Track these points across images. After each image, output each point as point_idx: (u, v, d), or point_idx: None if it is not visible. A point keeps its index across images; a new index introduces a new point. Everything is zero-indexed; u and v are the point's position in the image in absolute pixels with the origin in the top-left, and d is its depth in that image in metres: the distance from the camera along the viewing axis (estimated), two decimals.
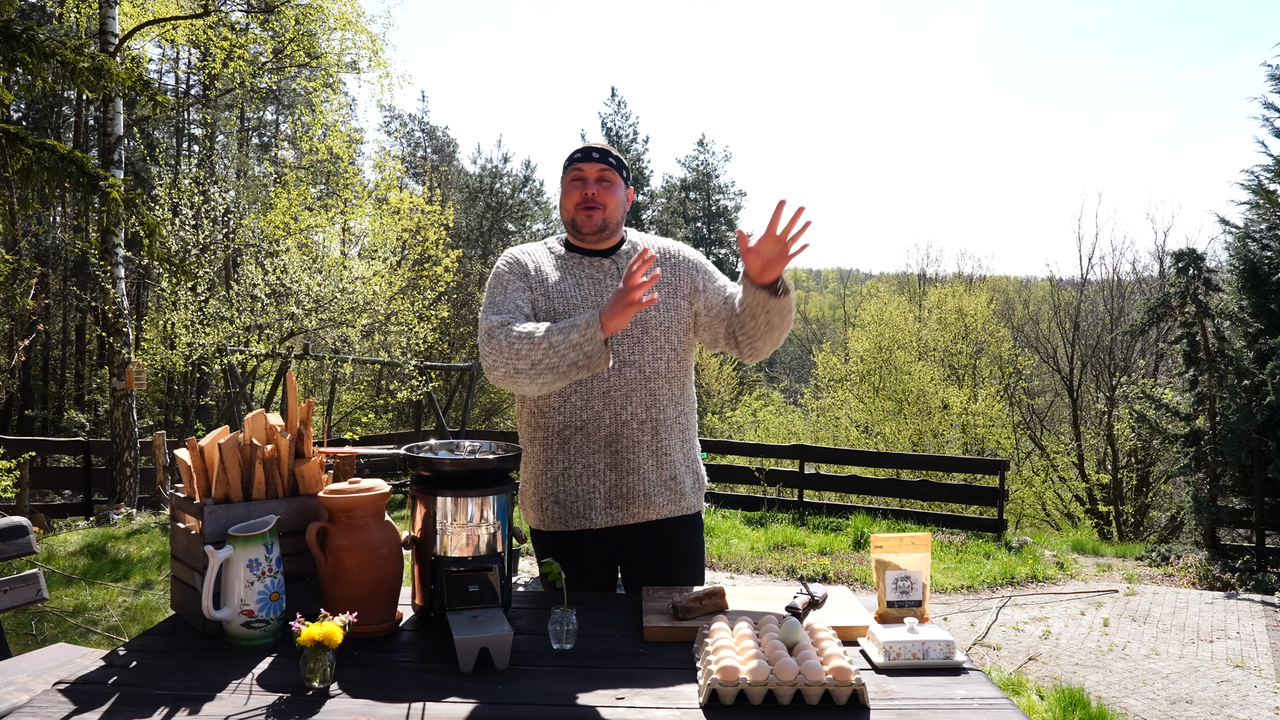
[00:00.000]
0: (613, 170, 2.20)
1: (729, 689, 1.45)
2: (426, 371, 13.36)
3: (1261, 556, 8.99)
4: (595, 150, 2.21)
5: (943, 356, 20.72)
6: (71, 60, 5.68)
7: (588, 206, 2.17)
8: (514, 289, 2.16)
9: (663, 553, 2.22)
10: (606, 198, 2.18)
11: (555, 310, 2.13)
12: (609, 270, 2.20)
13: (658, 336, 2.16)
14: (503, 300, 2.13)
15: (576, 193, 2.19)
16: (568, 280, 2.18)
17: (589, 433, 2.14)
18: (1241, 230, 10.10)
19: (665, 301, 2.18)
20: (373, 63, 12.51)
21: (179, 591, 1.87)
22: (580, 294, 2.16)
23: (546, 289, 2.16)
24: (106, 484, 10.08)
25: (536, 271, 2.19)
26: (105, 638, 4.92)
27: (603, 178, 2.19)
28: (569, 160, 2.22)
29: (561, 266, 2.21)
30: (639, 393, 2.14)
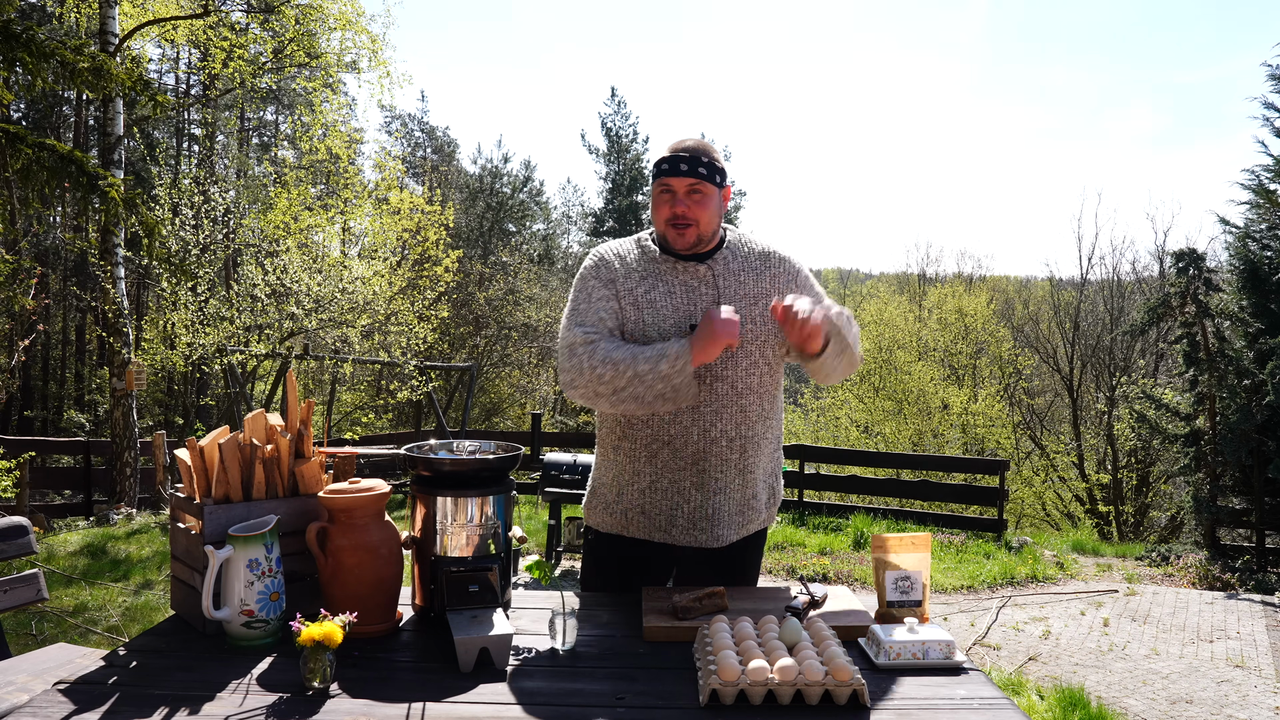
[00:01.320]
0: (705, 181, 2.00)
1: (729, 689, 1.45)
2: (426, 371, 13.36)
3: (1261, 556, 8.99)
4: (684, 161, 2.00)
5: (943, 356, 20.73)
6: (71, 60, 5.68)
7: (679, 225, 2.01)
8: (599, 298, 2.03)
9: (724, 568, 2.16)
10: (699, 213, 2.01)
11: (644, 322, 2.01)
12: (704, 278, 2.05)
13: (752, 351, 2.04)
14: (587, 311, 2.02)
15: (666, 208, 2.02)
16: (659, 289, 2.04)
17: (676, 449, 2.05)
18: (1241, 230, 10.10)
19: (762, 314, 2.05)
20: (373, 63, 12.51)
21: (179, 591, 1.87)
22: (672, 303, 2.03)
23: (635, 298, 2.03)
24: (106, 484, 10.08)
25: (626, 278, 2.05)
26: (105, 638, 4.92)
27: (694, 190, 2.00)
28: (657, 169, 2.04)
29: (654, 272, 2.06)
30: (729, 409, 2.04)
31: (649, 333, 2.01)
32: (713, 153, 2.04)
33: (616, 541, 2.20)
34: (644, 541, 2.16)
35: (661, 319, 2.02)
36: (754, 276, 2.07)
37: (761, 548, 2.28)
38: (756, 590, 2.06)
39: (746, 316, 2.03)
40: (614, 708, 1.44)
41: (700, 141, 2.04)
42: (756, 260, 2.09)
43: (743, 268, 2.08)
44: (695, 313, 2.03)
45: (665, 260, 2.06)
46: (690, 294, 2.04)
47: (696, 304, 2.03)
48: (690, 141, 2.04)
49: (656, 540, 2.15)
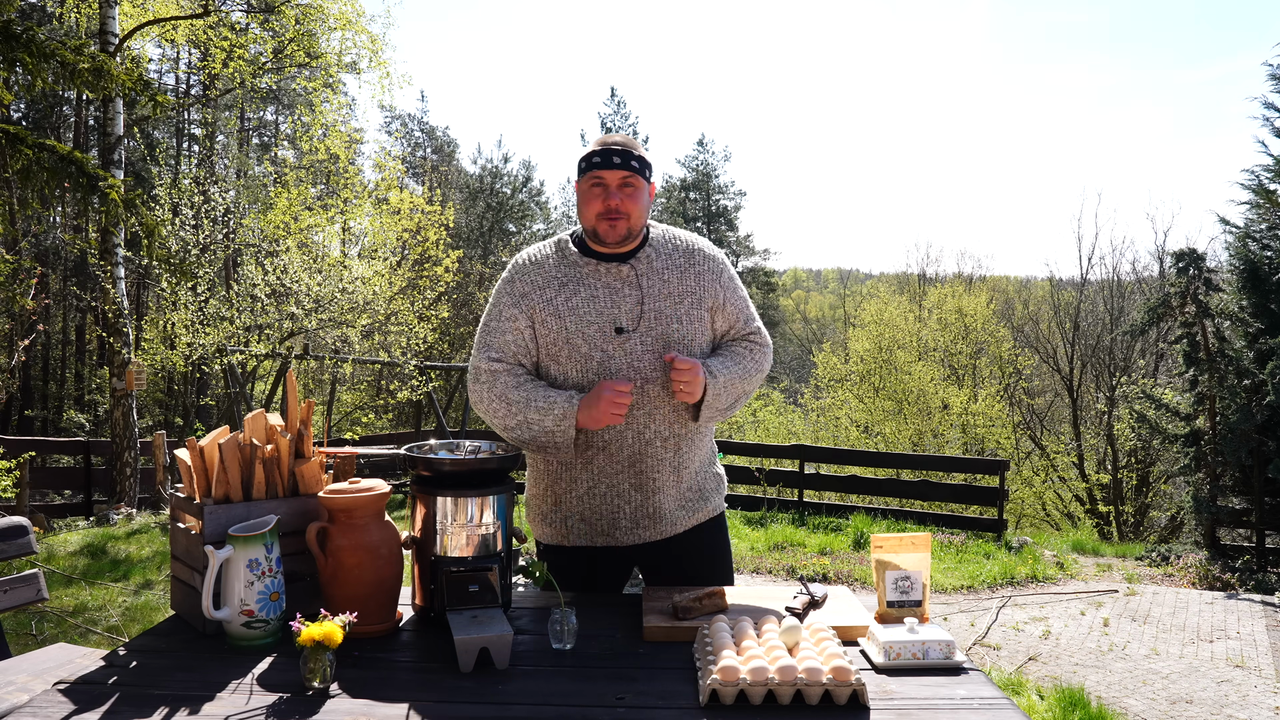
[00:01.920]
0: (636, 175, 2.01)
1: (729, 689, 1.45)
2: (426, 371, 13.36)
3: (1261, 556, 8.99)
4: (616, 154, 2.01)
5: (943, 356, 20.73)
6: (71, 60, 5.68)
7: (610, 217, 2.00)
8: (508, 325, 2.05)
9: (687, 563, 2.17)
10: (630, 205, 2.00)
11: (568, 329, 2.01)
12: (627, 278, 2.04)
13: (679, 350, 2.04)
14: (495, 332, 2.05)
15: (598, 201, 2.00)
16: (581, 294, 2.03)
17: (611, 452, 2.05)
18: (1242, 230, 10.10)
19: (689, 313, 2.05)
20: (373, 63, 12.52)
21: (179, 591, 1.87)
22: (595, 307, 2.02)
23: (555, 307, 2.02)
24: (106, 484, 10.08)
25: (543, 288, 2.04)
26: (105, 638, 4.92)
27: (626, 184, 2.00)
28: (586, 163, 2.03)
29: (574, 277, 2.05)
30: (662, 409, 2.04)
31: (574, 340, 2.01)
32: (640, 147, 2.06)
33: (560, 552, 2.19)
34: (587, 548, 2.16)
35: (585, 324, 2.01)
36: (678, 274, 2.07)
37: (724, 536, 2.29)
38: (757, 590, 2.06)
39: (672, 315, 2.03)
40: (614, 708, 1.44)
41: (627, 137, 2.06)
42: (681, 257, 2.09)
43: (667, 265, 2.07)
44: (619, 315, 2.02)
45: (587, 263, 2.05)
46: (613, 295, 2.04)
47: (620, 305, 2.03)
48: (619, 137, 2.05)
49: (600, 545, 2.14)
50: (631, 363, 2.02)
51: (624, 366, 2.01)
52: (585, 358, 2.02)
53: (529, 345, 2.05)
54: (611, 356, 2.01)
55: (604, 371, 2.02)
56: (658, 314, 2.03)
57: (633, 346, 2.01)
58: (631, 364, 2.02)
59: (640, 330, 2.02)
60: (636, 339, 2.02)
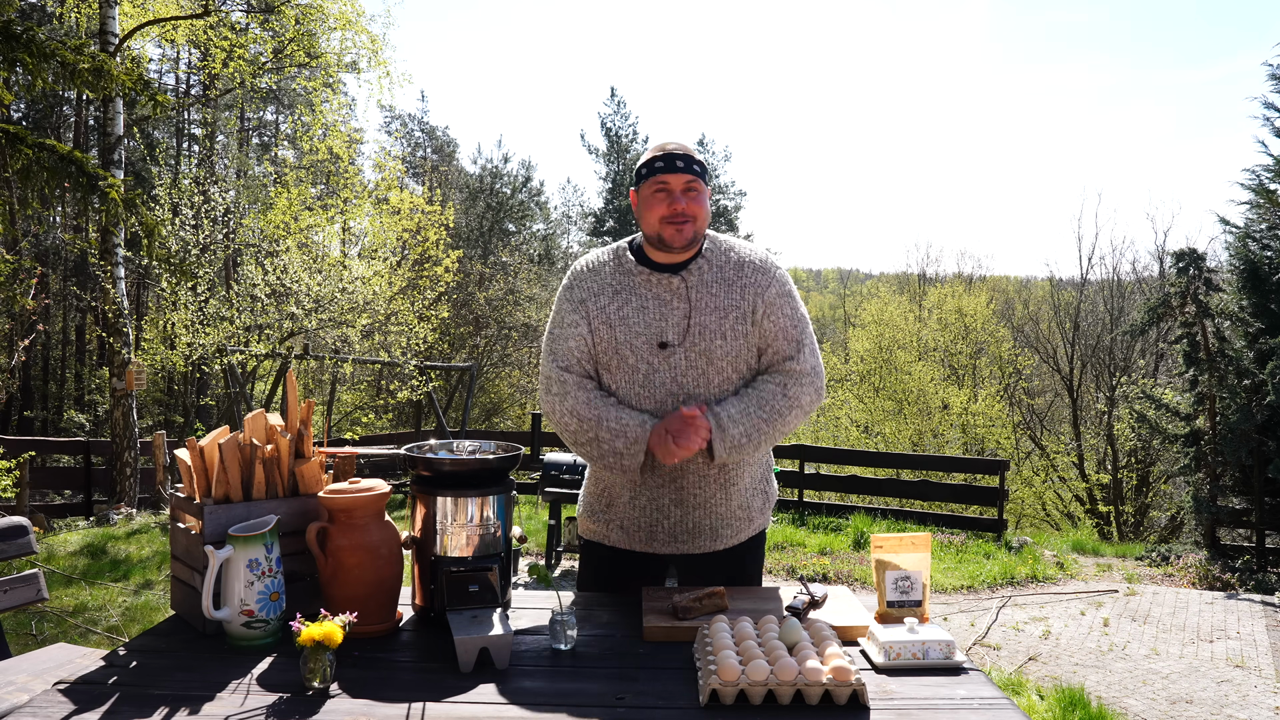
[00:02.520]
0: (699, 178, 2.01)
1: (729, 689, 1.45)
2: (426, 371, 13.36)
3: (1261, 556, 8.99)
4: (679, 158, 2.00)
5: (943, 356, 20.73)
6: (71, 60, 5.68)
7: (676, 221, 1.98)
8: (571, 332, 2.05)
9: (721, 570, 2.16)
10: (696, 209, 1.99)
11: (617, 340, 2.01)
12: (678, 290, 2.02)
13: (724, 368, 2.02)
14: (560, 339, 2.06)
15: (663, 206, 1.98)
16: (631, 303, 2.03)
17: (654, 466, 2.05)
18: (1242, 230, 10.10)
19: (734, 328, 2.02)
20: (373, 63, 12.51)
21: (179, 591, 1.87)
22: (644, 319, 2.02)
23: (608, 316, 2.03)
24: (106, 484, 10.08)
25: (598, 295, 2.05)
26: (105, 638, 4.91)
27: (690, 187, 2.00)
28: (648, 168, 2.03)
29: (627, 286, 2.05)
30: None
31: (622, 350, 2.02)
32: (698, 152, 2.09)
33: (601, 548, 2.21)
34: (627, 551, 2.17)
35: (634, 335, 2.01)
36: (726, 288, 2.04)
37: (761, 550, 2.26)
38: (756, 590, 2.05)
39: (716, 330, 2.01)
40: (614, 708, 1.44)
41: (684, 143, 2.06)
42: (731, 270, 2.06)
43: (716, 278, 2.04)
44: (666, 328, 2.01)
45: (640, 272, 2.05)
46: (663, 307, 2.03)
47: (668, 318, 2.02)
48: (676, 142, 2.05)
49: (638, 550, 2.15)
50: (675, 377, 2.01)
51: (668, 380, 2.01)
52: (632, 369, 2.02)
53: (592, 350, 2.05)
54: (656, 370, 2.01)
55: (649, 384, 2.02)
56: (702, 329, 2.01)
57: (676, 361, 2.01)
58: (675, 378, 2.01)
59: (685, 345, 2.00)
60: (681, 353, 2.01)
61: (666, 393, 2.01)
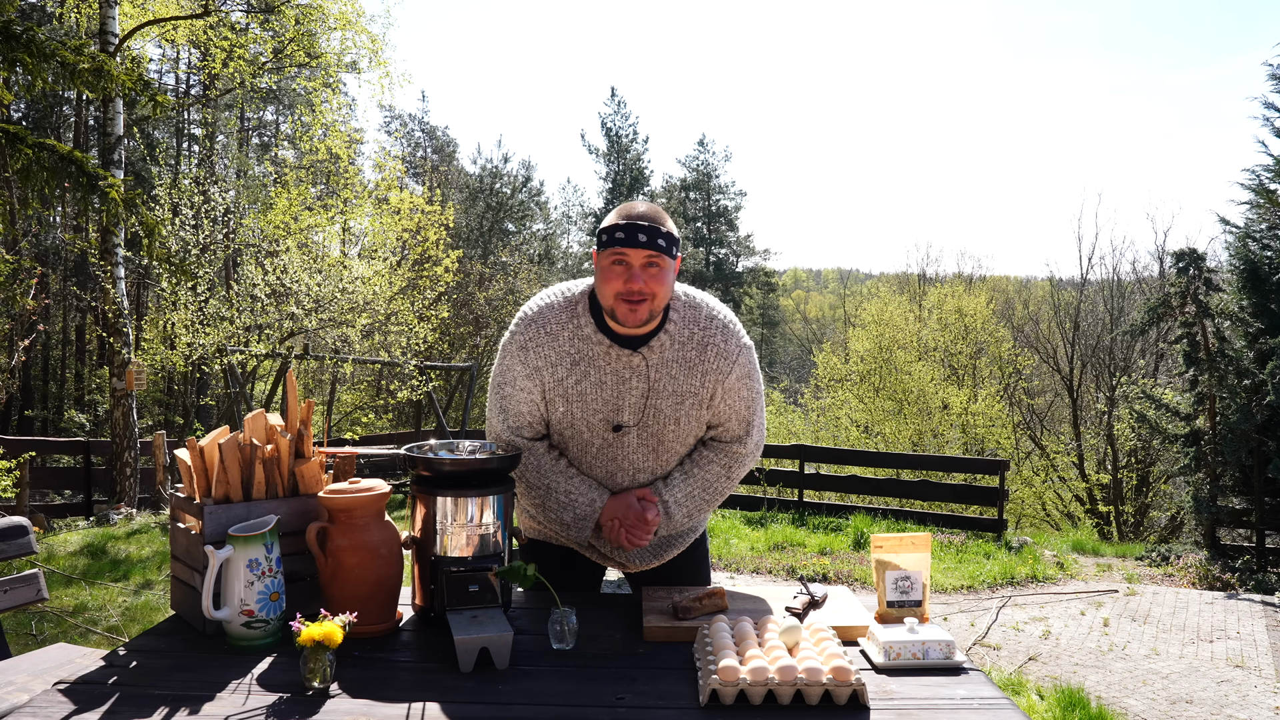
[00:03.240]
0: (663, 254, 1.82)
1: (729, 689, 1.45)
2: (426, 371, 13.36)
3: (1261, 556, 8.99)
4: (642, 230, 1.81)
5: (943, 356, 20.73)
6: (71, 60, 5.68)
7: (631, 300, 1.82)
8: (523, 397, 1.97)
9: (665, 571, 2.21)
10: (655, 287, 1.82)
11: (573, 415, 1.96)
12: (637, 369, 1.92)
13: (674, 446, 2.02)
14: (513, 407, 1.99)
15: (618, 281, 1.82)
16: (590, 378, 1.93)
17: None
18: (1242, 230, 10.10)
19: (689, 413, 1.97)
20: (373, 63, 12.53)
21: (179, 591, 1.87)
22: (602, 396, 1.94)
23: (565, 390, 1.94)
24: (106, 484, 10.08)
25: (555, 365, 1.93)
26: (105, 638, 4.92)
27: (651, 263, 1.82)
28: (608, 236, 1.84)
29: (585, 356, 1.92)
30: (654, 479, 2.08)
31: (578, 426, 1.98)
32: (669, 221, 1.87)
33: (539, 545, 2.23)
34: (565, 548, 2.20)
35: (590, 413, 1.96)
36: (686, 370, 1.94)
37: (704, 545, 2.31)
38: (757, 590, 2.06)
39: (670, 416, 1.97)
40: (614, 708, 1.44)
41: (654, 207, 1.88)
42: (694, 352, 1.93)
43: (676, 358, 1.93)
44: (623, 408, 1.95)
45: (600, 341, 1.91)
46: (621, 385, 1.94)
47: (625, 398, 1.94)
48: (643, 207, 1.86)
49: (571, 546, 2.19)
50: (627, 454, 2.02)
51: (619, 456, 2.02)
52: (586, 444, 2.01)
53: (543, 415, 2.01)
54: (609, 445, 2.01)
55: (601, 458, 2.02)
56: (657, 412, 1.96)
57: (629, 441, 2.00)
58: (626, 455, 2.02)
59: (639, 425, 1.98)
60: (634, 434, 1.99)
61: (617, 467, 2.03)
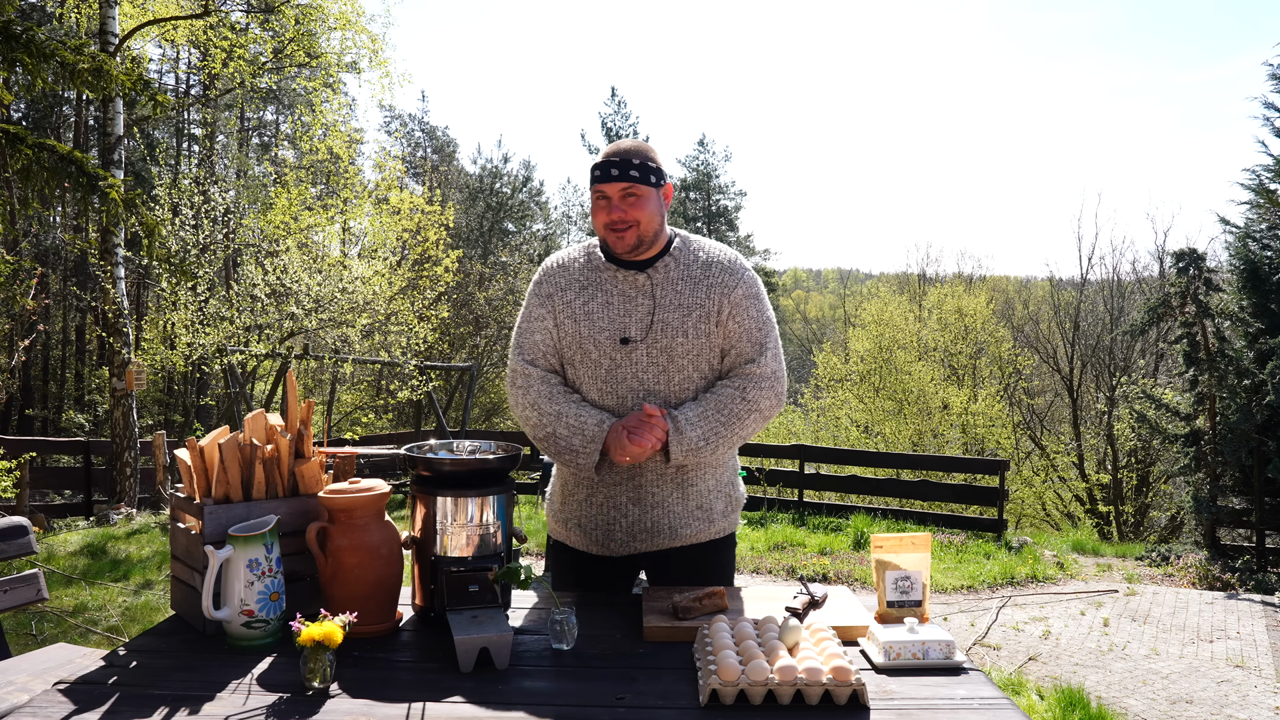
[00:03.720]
0: (638, 184, 1.96)
1: (729, 689, 1.45)
2: (426, 371, 13.36)
3: (1261, 556, 8.99)
4: (614, 166, 1.96)
5: (943, 356, 20.73)
6: (71, 60, 5.68)
7: (616, 229, 1.96)
8: (536, 325, 2.07)
9: (686, 576, 2.14)
10: (637, 213, 1.96)
11: (581, 334, 2.02)
12: (643, 287, 2.02)
13: (685, 366, 2.02)
14: (527, 339, 2.08)
15: (603, 214, 1.98)
16: (597, 299, 2.03)
17: (612, 465, 2.04)
18: (1242, 230, 10.10)
19: (696, 326, 2.00)
20: (373, 63, 12.52)
21: (179, 591, 1.87)
22: (608, 314, 2.02)
23: (573, 310, 2.04)
24: (106, 484, 10.08)
25: (565, 290, 2.06)
26: (105, 638, 4.92)
27: (628, 194, 1.96)
28: (591, 177, 2.00)
29: (594, 281, 2.05)
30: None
31: (585, 345, 2.03)
32: (648, 153, 1.98)
33: (564, 549, 2.23)
34: (595, 556, 2.17)
35: (597, 330, 2.02)
36: (691, 286, 2.02)
37: (730, 556, 2.24)
38: (757, 590, 2.06)
39: (678, 328, 2.00)
40: (614, 708, 1.44)
41: (636, 143, 2.00)
42: (699, 270, 2.04)
43: (682, 276, 2.03)
44: (629, 324, 2.01)
45: (607, 268, 2.05)
46: (627, 304, 2.02)
47: (632, 314, 2.02)
48: (626, 144, 2.00)
49: (595, 553, 2.15)
50: (636, 373, 2.02)
51: (629, 376, 2.02)
52: (595, 364, 2.03)
53: (557, 345, 2.07)
54: (619, 365, 2.01)
55: (611, 379, 2.02)
56: (664, 325, 2.00)
57: (638, 357, 2.01)
58: (636, 374, 2.02)
59: (647, 341, 2.00)
60: (643, 349, 2.00)
61: (628, 389, 2.02)
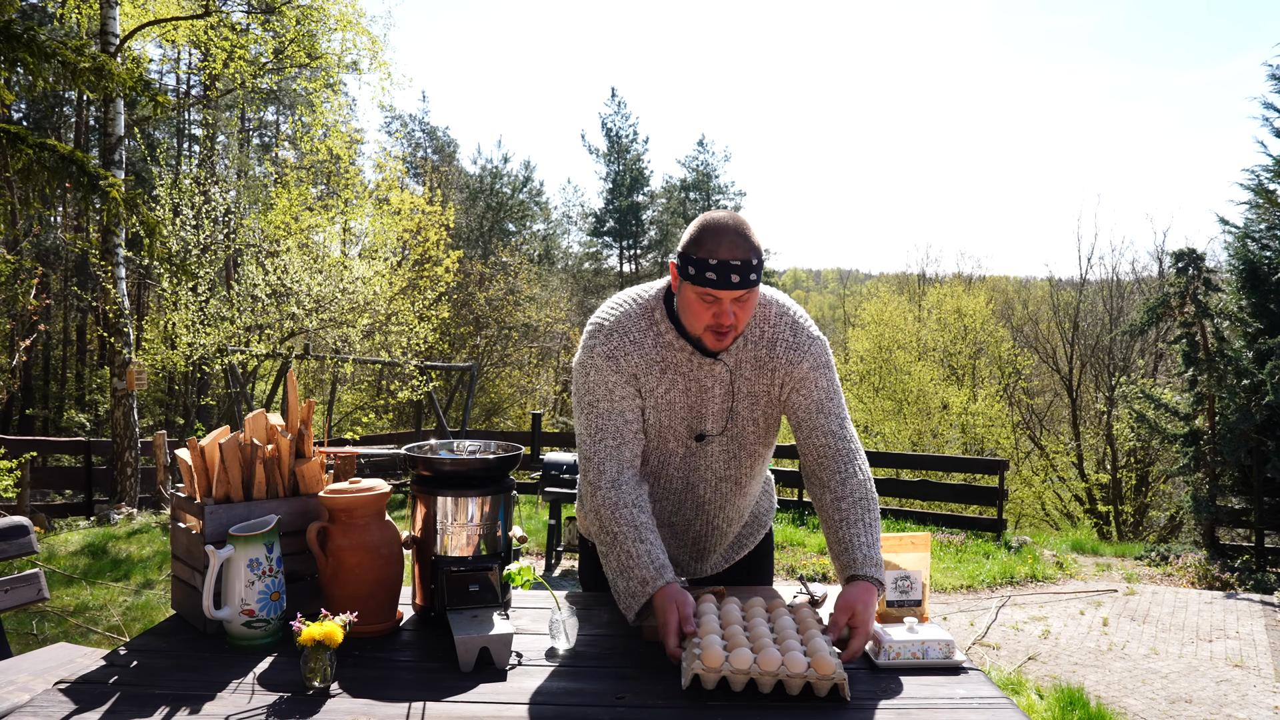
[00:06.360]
0: (753, 289, 1.73)
1: (712, 674, 1.45)
2: (427, 371, 13.37)
3: (1260, 556, 8.99)
4: (736, 271, 1.68)
5: (942, 356, 20.74)
6: (72, 60, 5.68)
7: (719, 332, 1.75)
8: (624, 406, 1.85)
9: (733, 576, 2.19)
10: (744, 317, 1.75)
11: (662, 425, 1.90)
12: (719, 377, 1.87)
13: (755, 449, 1.98)
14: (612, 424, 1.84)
15: (707, 315, 1.74)
16: (677, 386, 1.87)
17: (676, 531, 2.05)
18: (1241, 230, 10.11)
19: (764, 413, 1.93)
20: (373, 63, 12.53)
21: (179, 591, 1.88)
22: (687, 403, 1.88)
23: (657, 399, 1.88)
24: (107, 484, 10.08)
25: (646, 373, 1.85)
26: (106, 637, 4.92)
27: (742, 300, 1.74)
28: (697, 271, 1.69)
29: (672, 364, 1.86)
30: (732, 500, 2.03)
31: (664, 434, 1.92)
32: (755, 242, 1.72)
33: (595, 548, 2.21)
34: None
35: (676, 421, 1.90)
36: (757, 370, 1.90)
37: (770, 549, 2.29)
38: (757, 590, 2.06)
39: (748, 418, 1.93)
40: (614, 707, 1.45)
41: (742, 232, 1.71)
42: (764, 350, 1.88)
43: (750, 359, 1.89)
44: (706, 416, 1.90)
45: (682, 347, 1.85)
46: (703, 393, 1.89)
47: (708, 405, 1.89)
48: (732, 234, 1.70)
49: None
50: (708, 463, 1.96)
51: (701, 465, 1.97)
52: (669, 453, 1.95)
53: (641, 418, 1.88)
54: (693, 453, 1.95)
55: (683, 468, 1.96)
56: (736, 416, 1.93)
57: (712, 449, 1.95)
58: (708, 464, 1.97)
59: (722, 433, 1.94)
60: (716, 443, 1.94)
61: (698, 477, 1.97)
